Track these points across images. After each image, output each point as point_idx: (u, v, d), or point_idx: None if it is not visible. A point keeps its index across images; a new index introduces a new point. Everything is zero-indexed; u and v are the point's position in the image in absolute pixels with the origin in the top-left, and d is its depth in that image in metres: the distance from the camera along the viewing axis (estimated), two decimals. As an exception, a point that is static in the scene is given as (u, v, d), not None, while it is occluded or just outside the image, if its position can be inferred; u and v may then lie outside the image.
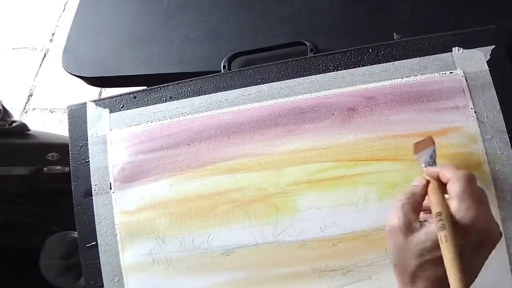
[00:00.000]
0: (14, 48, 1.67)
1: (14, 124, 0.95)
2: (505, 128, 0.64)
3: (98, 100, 0.73)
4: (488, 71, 0.65)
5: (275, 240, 0.64)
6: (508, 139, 0.63)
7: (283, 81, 0.68)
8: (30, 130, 0.99)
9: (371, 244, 0.62)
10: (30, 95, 1.57)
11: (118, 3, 0.94)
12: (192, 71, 0.77)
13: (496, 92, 0.65)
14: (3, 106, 1.01)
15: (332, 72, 0.68)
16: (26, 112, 1.54)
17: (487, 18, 0.74)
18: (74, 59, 0.88)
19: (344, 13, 0.80)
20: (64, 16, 1.68)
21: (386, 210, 0.62)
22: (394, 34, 0.75)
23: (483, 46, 0.66)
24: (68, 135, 0.72)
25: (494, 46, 0.66)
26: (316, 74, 0.68)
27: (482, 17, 0.75)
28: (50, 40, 1.65)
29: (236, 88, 0.69)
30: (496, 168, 0.62)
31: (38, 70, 1.60)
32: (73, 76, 0.86)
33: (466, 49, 0.66)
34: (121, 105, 0.72)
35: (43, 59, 1.63)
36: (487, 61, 0.65)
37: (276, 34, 0.80)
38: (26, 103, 1.55)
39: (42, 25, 1.68)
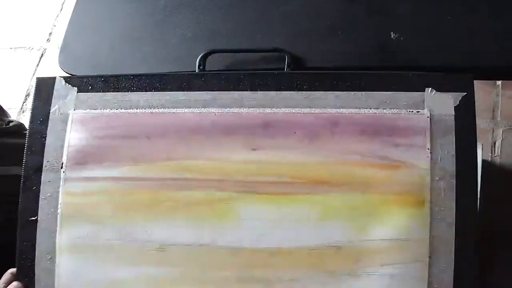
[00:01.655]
0: (11, 48, 1.67)
1: (11, 124, 0.96)
2: (455, 173, 0.65)
3: (67, 77, 0.74)
4: (453, 116, 0.67)
5: (210, 243, 0.65)
6: (455, 184, 0.65)
7: (255, 92, 0.70)
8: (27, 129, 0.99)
9: (301, 262, 0.64)
10: (27, 95, 1.58)
11: (115, 2, 0.95)
12: (189, 70, 0.78)
13: (455, 137, 0.66)
14: (0, 106, 1.01)
15: (305, 92, 0.69)
16: (23, 111, 1.54)
17: (487, 20, 0.76)
18: (71, 58, 0.88)
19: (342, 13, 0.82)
20: (62, 15, 1.70)
21: (323, 231, 0.64)
22: (392, 33, 0.77)
23: (455, 92, 0.68)
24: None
25: (465, 93, 0.68)
26: (289, 91, 0.69)
27: (481, 20, 0.77)
28: (47, 39, 1.66)
29: (207, 90, 0.71)
30: (436, 209, 0.64)
31: (35, 70, 1.62)
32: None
33: (438, 91, 0.68)
34: (90, 87, 0.73)
35: (40, 58, 1.63)
36: (455, 107, 0.67)
37: (275, 34, 0.81)
38: (24, 102, 1.55)
39: (39, 24, 1.70)
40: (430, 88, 0.68)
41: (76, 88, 0.73)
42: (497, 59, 0.75)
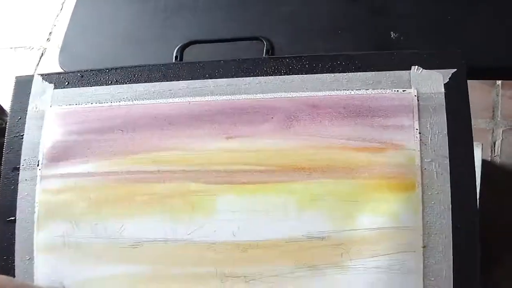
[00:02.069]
0: (11, 47, 1.70)
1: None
2: (447, 154, 0.60)
3: (46, 74, 0.73)
4: (443, 94, 0.62)
5: (185, 239, 0.62)
6: (448, 165, 0.60)
7: (231, 79, 0.67)
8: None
9: (281, 255, 0.60)
10: None
11: (115, 2, 0.95)
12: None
13: (446, 117, 0.62)
14: (0, 105, 1.02)
15: (282, 76, 0.66)
16: (23, 111, 1.58)
17: (487, 20, 0.76)
18: (71, 58, 0.89)
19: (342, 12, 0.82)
20: (62, 15, 1.72)
21: (303, 221, 0.60)
22: (392, 33, 0.76)
23: (444, 68, 0.63)
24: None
25: (455, 69, 0.63)
26: (266, 76, 0.66)
27: (481, 19, 0.76)
28: (48, 39, 1.68)
29: (183, 80, 0.68)
30: (429, 193, 0.59)
31: (36, 70, 1.65)
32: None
33: (426, 69, 0.63)
34: (67, 82, 0.72)
35: (40, 58, 1.65)
36: (445, 84, 0.63)
37: (276, 32, 0.80)
38: (23, 102, 1.59)
39: (40, 24, 1.72)
40: (416, 66, 0.63)
41: (52, 84, 0.71)
42: (497, 59, 0.74)
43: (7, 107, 1.04)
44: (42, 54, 1.65)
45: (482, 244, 1.07)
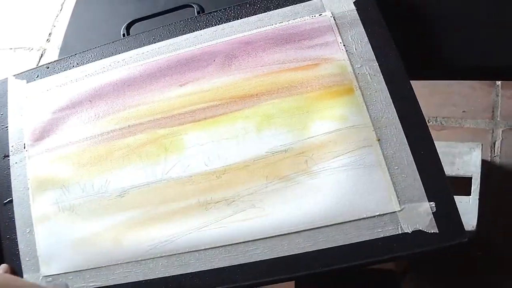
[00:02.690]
0: (11, 48, 1.72)
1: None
2: (374, 57, 0.68)
3: (17, 74, 0.81)
4: (355, 10, 0.71)
5: (164, 178, 0.68)
6: (378, 67, 0.67)
7: (172, 39, 0.76)
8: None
9: (252, 174, 0.66)
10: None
11: (114, 2, 1.00)
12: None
13: (364, 28, 0.70)
14: None
15: (214, 27, 0.75)
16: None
17: (486, 20, 0.77)
18: None
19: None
20: (61, 16, 1.73)
21: (264, 140, 0.67)
22: None
23: None
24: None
25: None
26: (200, 30, 0.75)
27: (481, 19, 0.78)
28: (47, 40, 1.70)
29: (132, 50, 0.77)
30: (368, 93, 0.66)
31: None
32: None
33: None
34: (36, 75, 0.80)
35: (40, 59, 1.67)
36: (354, 2, 0.71)
37: None
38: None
39: (39, 25, 1.73)
40: None
41: (25, 80, 0.80)
42: (497, 59, 0.76)
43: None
44: (41, 55, 1.67)
45: (482, 244, 1.09)
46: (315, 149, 0.65)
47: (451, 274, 1.11)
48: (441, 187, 0.58)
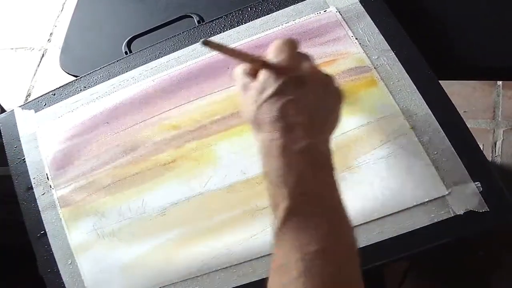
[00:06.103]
0: (12, 48, 1.69)
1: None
2: (389, 47, 0.68)
3: (23, 104, 0.79)
4: (358, 3, 0.71)
5: (203, 191, 0.67)
6: (395, 56, 0.68)
7: (178, 51, 0.75)
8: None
9: None
10: (28, 95, 1.59)
11: (115, 3, 0.97)
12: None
13: (371, 19, 0.70)
14: (1, 106, 1.02)
15: (220, 34, 0.75)
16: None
17: (486, 20, 0.76)
18: (71, 59, 0.91)
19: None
20: (62, 16, 1.71)
21: None
22: None
23: None
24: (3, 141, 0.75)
25: None
26: None
27: (481, 19, 0.77)
28: (48, 40, 1.67)
29: (139, 66, 0.76)
30: (391, 83, 0.67)
31: (36, 70, 1.63)
32: (71, 76, 0.88)
33: None
34: (44, 104, 0.79)
35: (41, 59, 1.65)
36: None
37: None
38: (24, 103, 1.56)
39: (40, 25, 1.71)
40: None
41: (33, 109, 0.78)
42: (498, 59, 0.75)
43: (7, 107, 1.05)
44: (43, 55, 1.65)
45: (482, 244, 1.10)
46: (351, 144, 0.64)
47: (451, 274, 1.12)
48: (482, 166, 0.60)
